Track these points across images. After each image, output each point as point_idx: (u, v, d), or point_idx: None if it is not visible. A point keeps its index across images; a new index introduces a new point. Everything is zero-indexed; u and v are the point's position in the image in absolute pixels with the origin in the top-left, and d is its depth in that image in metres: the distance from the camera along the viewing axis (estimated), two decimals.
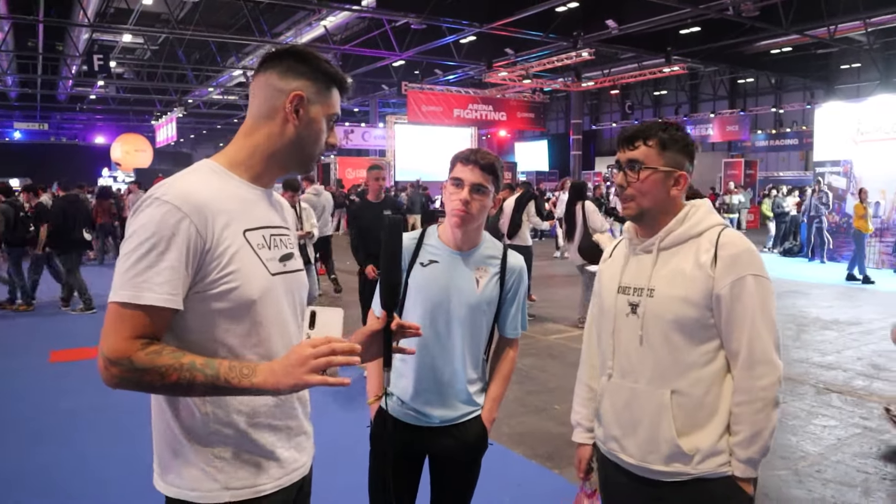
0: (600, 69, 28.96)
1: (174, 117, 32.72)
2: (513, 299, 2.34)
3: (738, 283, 1.75)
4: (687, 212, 1.88)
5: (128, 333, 1.34)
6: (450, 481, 2.36)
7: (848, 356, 7.07)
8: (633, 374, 1.88)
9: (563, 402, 5.50)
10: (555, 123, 42.04)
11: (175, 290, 1.38)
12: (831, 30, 20.54)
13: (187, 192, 1.42)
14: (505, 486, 3.91)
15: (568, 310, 9.04)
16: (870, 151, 14.69)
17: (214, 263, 1.42)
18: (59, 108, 41.52)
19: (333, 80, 1.58)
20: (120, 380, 1.34)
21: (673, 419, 1.80)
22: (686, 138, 1.88)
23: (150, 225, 1.37)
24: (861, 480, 4.10)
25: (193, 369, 1.35)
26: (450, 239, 2.28)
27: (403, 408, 2.29)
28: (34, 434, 4.81)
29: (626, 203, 1.90)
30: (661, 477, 1.84)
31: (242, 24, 22.67)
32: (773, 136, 33.38)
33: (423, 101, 26.76)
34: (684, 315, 1.79)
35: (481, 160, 2.18)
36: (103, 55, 19.83)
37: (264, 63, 1.57)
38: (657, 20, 19.69)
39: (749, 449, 1.76)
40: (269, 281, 1.51)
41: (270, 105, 1.55)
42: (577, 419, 2.18)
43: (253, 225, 1.52)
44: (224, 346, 1.46)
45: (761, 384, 1.75)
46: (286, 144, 1.56)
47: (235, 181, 1.55)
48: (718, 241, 1.80)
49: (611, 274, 2.01)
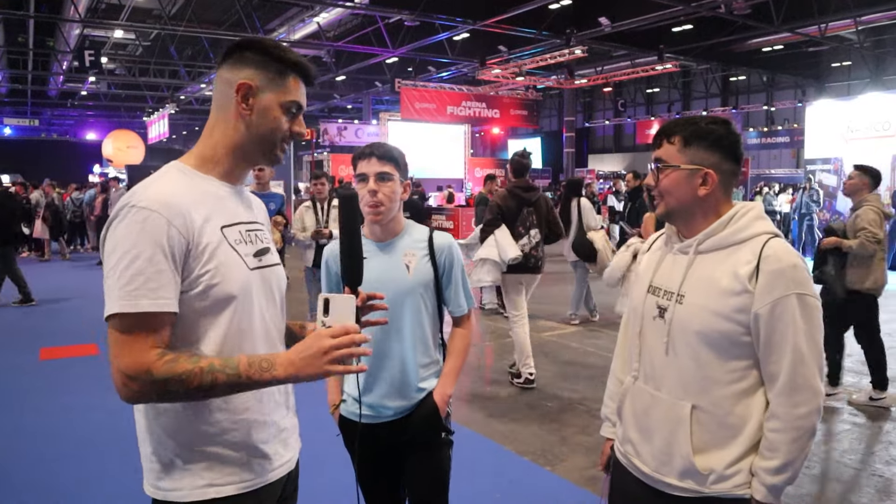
0: (593, 67, 29.04)
1: (166, 114, 32.62)
2: (450, 277, 2.38)
3: (780, 303, 1.61)
4: (733, 214, 1.73)
5: (140, 346, 1.33)
6: (416, 472, 2.37)
7: None
8: (654, 380, 1.80)
9: (554, 400, 5.52)
10: (548, 121, 42.10)
11: (169, 293, 1.37)
12: (822, 28, 20.65)
13: (162, 195, 1.41)
14: (496, 483, 3.92)
15: (560, 307, 9.05)
16: (860, 149, 14.75)
17: (196, 261, 1.42)
18: (49, 104, 41.28)
19: (290, 66, 1.54)
20: (141, 394, 1.34)
21: (690, 435, 1.70)
22: (716, 131, 1.72)
23: (133, 234, 1.36)
24: (849, 476, 4.13)
25: (214, 371, 1.35)
26: (372, 234, 2.34)
27: (361, 408, 2.29)
28: (24, 432, 4.80)
29: (656, 202, 1.82)
30: (673, 491, 1.75)
31: (235, 21, 22.62)
32: (764, 134, 33.51)
33: (416, 99, 26.71)
34: (713, 328, 1.67)
35: (378, 151, 2.26)
36: (94, 51, 19.76)
37: (220, 59, 1.57)
38: (650, 18, 19.75)
39: (777, 477, 1.66)
40: (248, 276, 1.51)
41: (224, 98, 1.54)
42: (606, 413, 2.10)
43: (229, 221, 1.52)
44: (206, 346, 1.45)
45: (800, 412, 1.63)
46: (242, 136, 1.54)
47: (205, 179, 1.54)
48: (762, 252, 1.64)
49: (645, 270, 1.91)
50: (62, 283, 11.82)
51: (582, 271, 8.48)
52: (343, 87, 33.31)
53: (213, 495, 1.47)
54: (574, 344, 7.50)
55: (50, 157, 39.38)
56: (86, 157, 40.66)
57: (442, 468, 2.38)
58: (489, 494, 3.78)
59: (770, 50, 27.13)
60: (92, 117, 46.12)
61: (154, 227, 1.36)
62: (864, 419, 5.12)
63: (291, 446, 1.67)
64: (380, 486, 2.39)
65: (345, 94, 34.26)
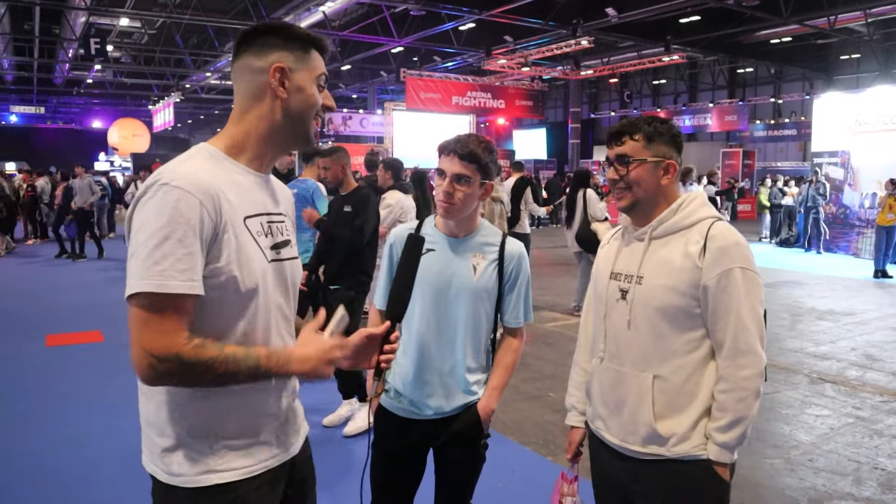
0: (599, 58, 28.89)
1: (171, 102, 32.55)
2: (513, 287, 2.30)
3: (725, 275, 1.80)
4: (681, 203, 1.92)
5: (170, 327, 1.32)
6: (451, 474, 2.36)
7: (842, 346, 7.10)
8: (619, 357, 1.95)
9: (557, 390, 5.52)
10: (553, 112, 41.96)
11: (196, 276, 1.35)
12: (831, 20, 20.50)
13: (195, 176, 1.39)
14: (499, 472, 3.93)
15: (564, 297, 9.06)
16: (868, 142, 14.69)
17: (219, 248, 1.41)
18: (55, 92, 41.22)
19: (309, 42, 1.55)
20: (167, 376, 1.34)
21: (653, 403, 1.87)
22: (671, 129, 1.92)
23: (165, 212, 1.33)
24: (853, 469, 4.13)
25: (237, 360, 1.36)
26: (445, 226, 2.27)
27: (399, 402, 2.29)
28: (31, 417, 4.83)
29: (620, 195, 1.94)
30: (640, 456, 1.91)
31: (241, 9, 22.54)
32: (771, 127, 33.35)
33: (421, 88, 26.63)
34: (670, 303, 1.84)
35: (460, 150, 2.14)
36: (100, 39, 19.75)
37: (238, 48, 1.54)
38: (657, 9, 19.63)
39: (727, 434, 1.81)
40: (266, 268, 1.51)
41: (255, 86, 1.52)
42: (571, 402, 2.23)
43: (252, 212, 1.51)
44: (223, 333, 1.44)
45: (744, 374, 1.80)
46: (281, 120, 1.53)
47: (234, 166, 1.53)
48: (709, 233, 1.84)
49: (605, 260, 2.07)
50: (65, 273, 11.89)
51: (586, 262, 8.46)
52: (348, 77, 33.22)
53: (215, 481, 1.48)
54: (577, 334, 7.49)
55: (55, 145, 39.46)
56: (91, 144, 40.73)
57: (474, 474, 2.38)
58: (491, 484, 3.79)
59: (778, 42, 26.95)
60: (97, 105, 46.10)
61: (187, 207, 1.34)
62: (867, 413, 5.11)
63: (295, 431, 1.67)
64: (396, 481, 2.34)
65: (350, 84, 34.17)
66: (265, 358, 1.39)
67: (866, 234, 14.10)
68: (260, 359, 1.39)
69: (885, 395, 5.53)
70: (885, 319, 8.50)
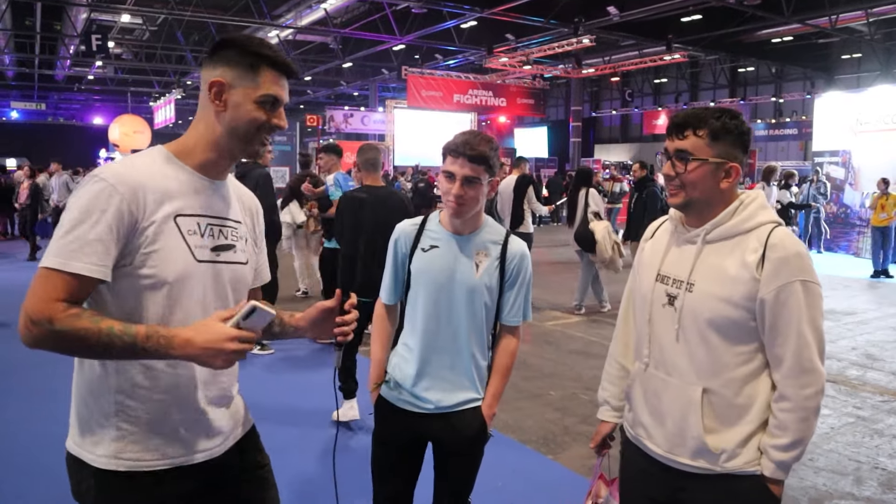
0: (601, 56, 28.85)
1: (172, 99, 32.55)
2: (513, 285, 2.31)
3: (785, 289, 1.68)
4: (738, 205, 1.79)
5: (51, 295, 1.40)
6: (450, 470, 2.38)
7: (843, 346, 7.10)
8: (665, 366, 1.85)
9: (558, 389, 5.52)
10: (555, 110, 41.90)
11: (101, 261, 1.43)
12: (833, 19, 20.44)
13: (124, 173, 1.50)
14: (499, 471, 3.93)
15: (565, 296, 9.06)
16: (869, 142, 14.67)
17: (140, 240, 1.48)
18: (56, 88, 41.22)
19: (263, 60, 1.57)
20: (40, 339, 1.40)
21: (702, 417, 1.77)
22: (740, 127, 1.76)
23: (85, 200, 1.45)
24: (853, 469, 4.13)
25: (112, 335, 1.40)
26: (449, 223, 2.28)
27: (400, 393, 2.30)
28: (21, 415, 4.81)
29: (674, 192, 1.81)
30: (686, 469, 1.82)
31: (242, 6, 22.49)
32: (772, 126, 33.31)
33: (422, 86, 26.61)
34: (723, 315, 1.74)
35: (470, 152, 2.14)
36: (101, 35, 19.67)
37: (205, 57, 1.64)
38: (658, 7, 19.58)
39: (787, 453, 1.73)
40: (191, 266, 1.54)
41: (204, 96, 1.61)
42: (604, 396, 2.14)
43: (188, 211, 1.56)
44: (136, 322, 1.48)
45: (807, 393, 1.71)
46: (220, 131, 1.60)
47: (180, 168, 1.60)
48: (768, 241, 1.72)
49: (651, 258, 1.94)
50: None
51: (587, 261, 8.46)
52: (349, 74, 33.18)
53: (114, 467, 1.52)
54: (578, 333, 7.50)
55: (56, 142, 39.35)
56: (92, 141, 40.60)
57: (473, 473, 2.40)
58: (491, 483, 3.79)
59: (779, 41, 26.91)
60: (98, 102, 46.06)
61: (105, 197, 1.45)
62: (868, 413, 5.11)
63: (219, 432, 1.68)
64: (395, 471, 2.38)
65: (351, 81, 34.12)
66: (143, 337, 1.41)
67: (867, 233, 14.07)
68: (137, 336, 1.41)
69: (885, 394, 5.53)
70: (886, 319, 8.50)
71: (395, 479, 2.38)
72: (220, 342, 1.42)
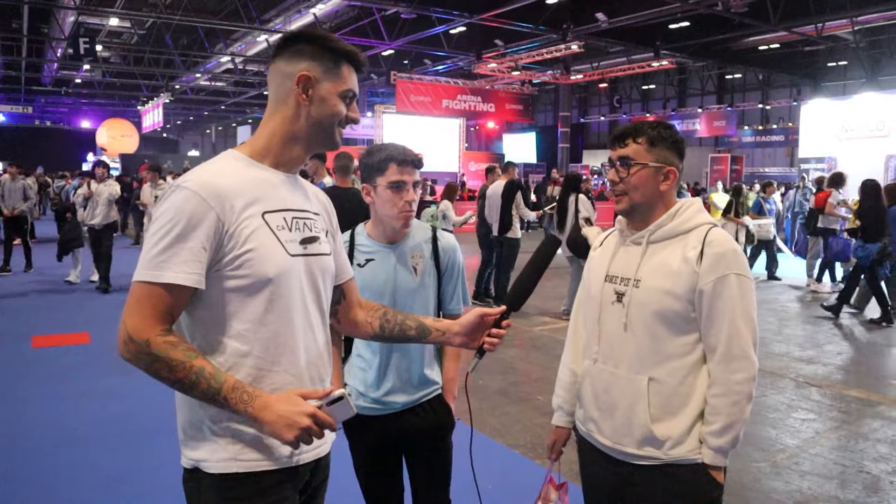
0: (589, 62, 29.01)
1: (161, 103, 32.44)
2: (450, 278, 2.41)
3: (721, 281, 1.82)
4: (678, 208, 1.94)
5: (149, 312, 1.41)
6: (423, 461, 2.43)
7: (828, 350, 7.16)
8: (614, 359, 1.95)
9: (546, 394, 5.53)
10: (543, 116, 42.05)
11: (193, 269, 1.44)
12: (819, 27, 20.69)
13: (207, 179, 1.50)
14: (487, 476, 3.91)
15: (553, 301, 9.07)
16: (854, 149, 14.83)
17: (232, 244, 1.48)
18: (43, 92, 40.94)
19: (342, 56, 1.62)
20: (133, 357, 1.42)
21: (648, 405, 1.87)
22: (674, 135, 1.94)
23: (171, 210, 1.45)
24: (838, 473, 4.16)
25: (200, 374, 1.41)
26: (381, 235, 2.33)
27: (365, 401, 2.34)
28: (20, 421, 4.79)
29: (619, 198, 1.96)
30: (634, 459, 1.91)
31: (231, 10, 22.50)
32: (759, 132, 33.60)
33: (411, 91, 26.65)
34: (668, 307, 1.85)
35: (414, 160, 2.25)
36: (89, 38, 19.64)
37: (275, 51, 1.63)
38: (647, 14, 19.74)
39: (721, 438, 1.83)
40: (287, 261, 1.55)
41: (283, 90, 1.60)
42: (558, 402, 2.23)
43: (273, 207, 1.57)
44: (238, 322, 1.50)
45: (737, 378, 1.82)
46: (302, 124, 1.61)
47: (257, 167, 1.61)
48: (706, 238, 1.86)
49: (599, 263, 2.07)
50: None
51: (577, 266, 8.48)
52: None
53: (235, 469, 1.51)
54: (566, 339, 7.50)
55: (43, 145, 39.20)
56: (80, 145, 40.50)
57: (447, 462, 2.46)
58: (480, 487, 3.79)
59: (766, 48, 27.18)
60: (86, 105, 45.84)
61: (191, 206, 1.45)
62: (853, 417, 5.15)
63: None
64: (381, 476, 2.43)
65: None
66: (230, 387, 1.42)
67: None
68: (224, 384, 1.42)
69: (869, 399, 5.57)
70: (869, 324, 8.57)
71: (380, 479, 2.44)
72: (297, 415, 1.43)
